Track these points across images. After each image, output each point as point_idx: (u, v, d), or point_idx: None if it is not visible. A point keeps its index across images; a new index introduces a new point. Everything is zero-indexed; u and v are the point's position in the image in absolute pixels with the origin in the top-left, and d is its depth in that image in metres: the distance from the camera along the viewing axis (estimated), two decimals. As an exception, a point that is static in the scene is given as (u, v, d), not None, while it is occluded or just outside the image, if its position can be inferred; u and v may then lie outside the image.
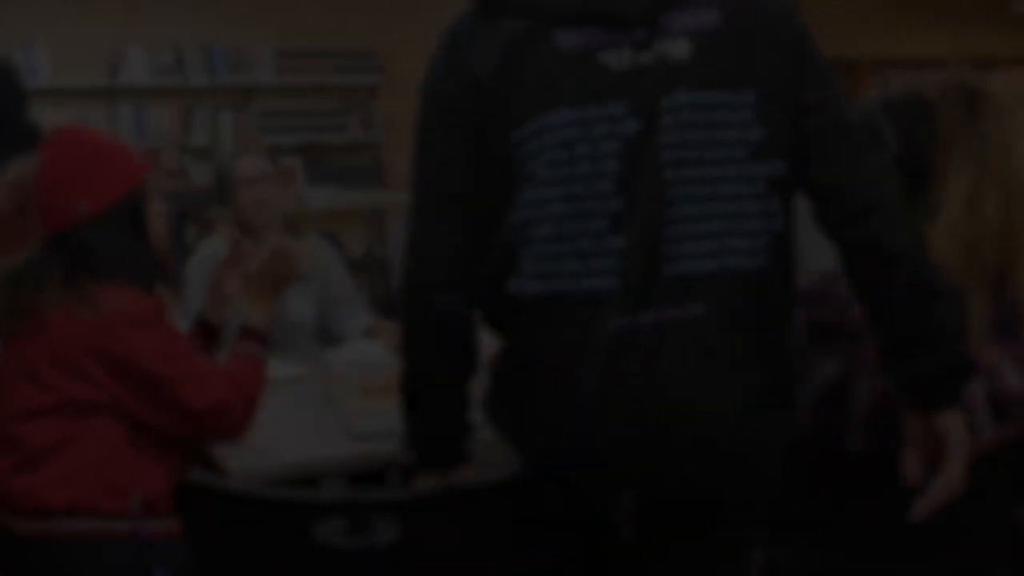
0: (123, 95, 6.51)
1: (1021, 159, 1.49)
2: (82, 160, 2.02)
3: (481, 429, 1.55)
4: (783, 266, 1.41)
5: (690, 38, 1.37)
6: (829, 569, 1.56)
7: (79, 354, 1.93)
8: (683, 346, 1.34)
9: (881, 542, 1.52)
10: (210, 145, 6.62)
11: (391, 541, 1.38)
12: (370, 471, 2.04)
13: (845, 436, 1.48)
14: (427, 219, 1.47)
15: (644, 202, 1.35)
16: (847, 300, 1.48)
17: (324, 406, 2.38)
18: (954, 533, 1.53)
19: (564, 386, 1.38)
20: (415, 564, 1.41)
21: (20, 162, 2.18)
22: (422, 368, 1.51)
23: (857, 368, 1.46)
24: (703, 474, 1.38)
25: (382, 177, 6.89)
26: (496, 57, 1.40)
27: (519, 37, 1.39)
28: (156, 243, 2.11)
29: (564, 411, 1.39)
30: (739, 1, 1.40)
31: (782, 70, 1.39)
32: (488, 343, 1.51)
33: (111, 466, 1.94)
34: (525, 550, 1.49)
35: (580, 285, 1.36)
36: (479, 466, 1.55)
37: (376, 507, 1.41)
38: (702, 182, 1.36)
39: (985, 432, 1.48)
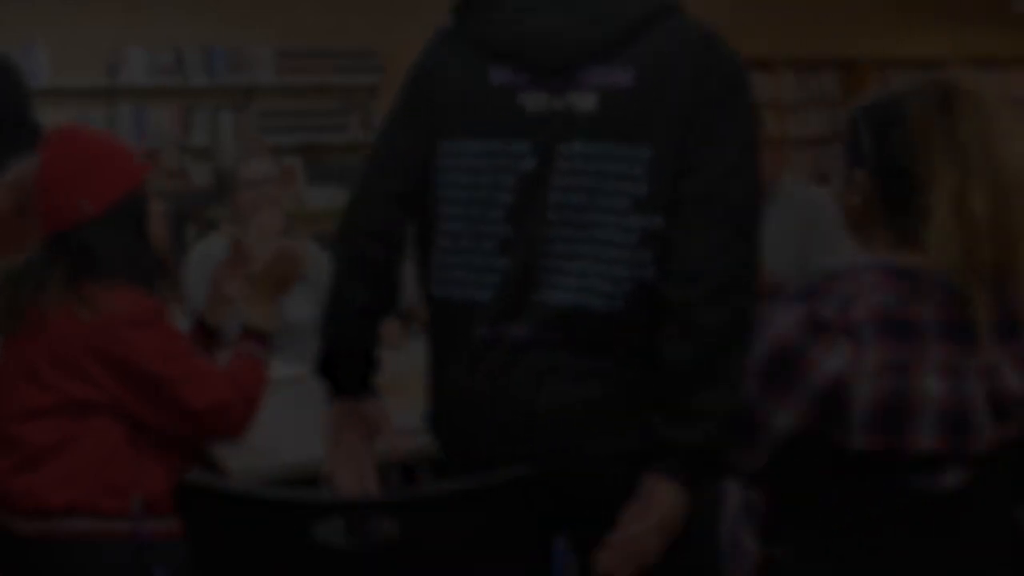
0: (123, 95, 6.51)
1: (1006, 155, 1.48)
2: (82, 160, 2.02)
3: None
4: (645, 312, 1.49)
5: (599, 93, 1.48)
6: (829, 569, 1.56)
7: (79, 354, 1.93)
8: (534, 361, 1.51)
9: (881, 542, 1.52)
10: (210, 145, 6.61)
11: (391, 541, 1.39)
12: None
13: (846, 435, 1.48)
14: (369, 177, 1.67)
15: (527, 234, 1.52)
16: (848, 297, 1.48)
17: (324, 406, 2.38)
18: (954, 533, 1.53)
19: (442, 381, 1.62)
20: (414, 564, 1.41)
21: (20, 162, 2.18)
22: (337, 296, 1.68)
23: (859, 369, 1.46)
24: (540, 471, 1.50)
25: (382, 177, 6.89)
26: (446, 74, 1.58)
27: (466, 62, 1.57)
28: (156, 243, 2.11)
29: (441, 403, 1.64)
30: (657, 60, 1.48)
31: (680, 130, 1.47)
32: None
33: (111, 466, 1.94)
34: (523, 549, 1.49)
35: (465, 295, 1.57)
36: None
37: (376, 507, 1.41)
38: (580, 226, 1.49)
39: (985, 432, 1.48)
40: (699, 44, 1.50)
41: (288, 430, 2.24)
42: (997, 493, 1.56)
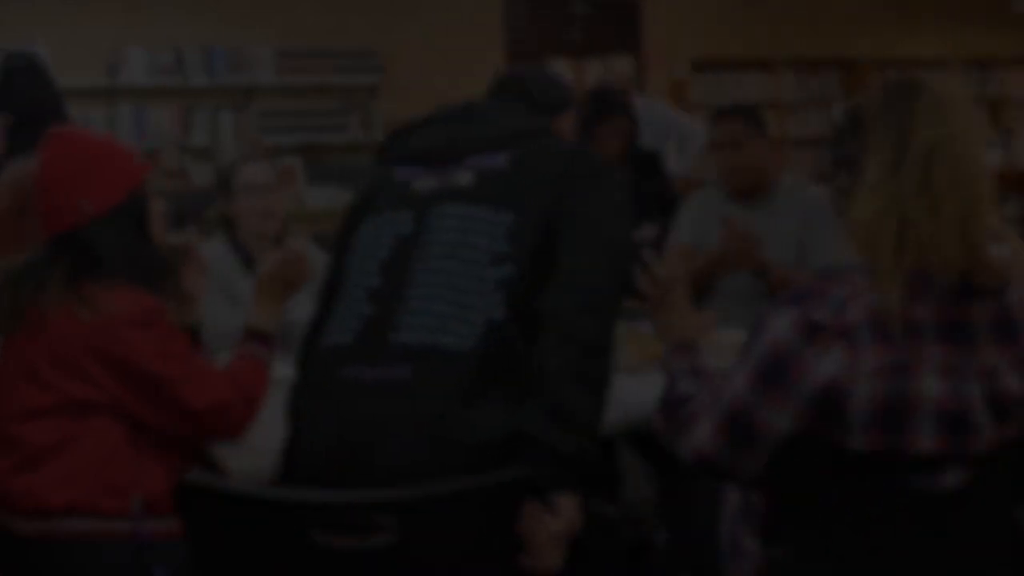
0: (123, 95, 6.52)
1: (956, 155, 1.47)
2: (82, 160, 2.02)
3: None
4: (497, 348, 1.63)
5: (476, 171, 1.74)
6: (829, 569, 1.56)
7: (79, 354, 1.93)
8: (386, 400, 1.61)
9: (881, 542, 1.52)
10: (210, 145, 6.62)
11: (391, 541, 1.39)
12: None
13: (845, 437, 1.47)
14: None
15: (392, 282, 1.70)
16: (843, 300, 1.48)
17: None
18: (954, 533, 1.53)
19: (305, 420, 1.74)
20: (414, 564, 1.41)
21: (20, 162, 2.18)
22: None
23: (856, 370, 1.45)
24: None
25: (382, 177, 6.89)
26: (366, 183, 1.88)
27: (379, 172, 1.87)
28: (157, 243, 2.11)
29: (298, 437, 1.75)
30: (530, 152, 1.75)
31: (546, 199, 1.70)
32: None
33: (111, 466, 1.93)
34: (521, 549, 1.49)
35: (332, 340, 1.73)
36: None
37: (376, 507, 1.41)
38: (442, 273, 1.67)
39: (985, 432, 1.48)
40: (568, 146, 1.81)
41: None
42: (997, 493, 1.56)
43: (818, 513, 1.55)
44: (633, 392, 2.20)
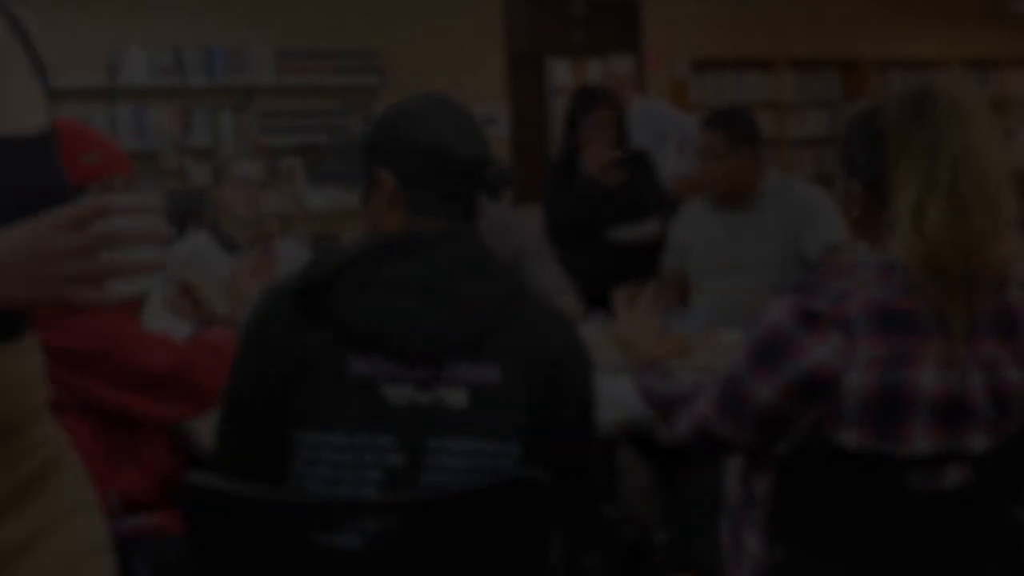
0: (123, 95, 6.51)
1: (974, 160, 1.47)
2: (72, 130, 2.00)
3: None
4: None
5: (469, 389, 1.45)
6: (829, 568, 1.56)
7: None
8: None
9: (881, 542, 1.52)
10: (210, 145, 6.62)
11: (391, 541, 1.39)
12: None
13: (838, 426, 1.48)
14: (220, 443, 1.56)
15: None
16: (843, 291, 1.50)
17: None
18: (955, 533, 1.53)
19: None
20: (415, 564, 1.41)
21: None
22: None
23: (850, 358, 1.47)
24: None
25: (382, 177, 6.90)
26: (292, 361, 1.46)
27: (318, 349, 1.45)
28: None
29: None
30: (518, 355, 1.48)
31: (540, 424, 1.49)
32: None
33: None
34: (522, 550, 1.50)
35: None
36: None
37: (377, 507, 1.41)
38: None
39: (983, 426, 1.48)
40: (552, 330, 1.53)
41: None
42: (997, 493, 1.56)
43: (819, 513, 1.55)
44: (633, 392, 2.20)
